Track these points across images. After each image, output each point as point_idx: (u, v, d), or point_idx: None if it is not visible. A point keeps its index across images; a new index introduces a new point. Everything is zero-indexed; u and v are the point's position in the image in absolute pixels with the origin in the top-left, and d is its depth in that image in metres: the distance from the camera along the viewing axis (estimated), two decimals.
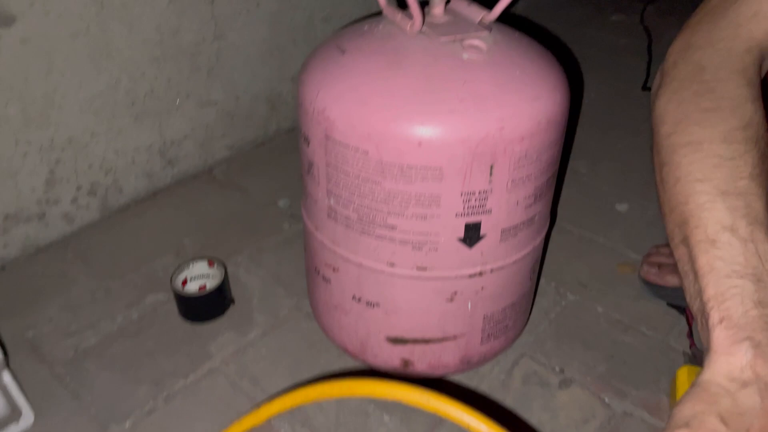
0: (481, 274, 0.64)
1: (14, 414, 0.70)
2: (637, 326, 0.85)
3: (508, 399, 0.75)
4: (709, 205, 0.42)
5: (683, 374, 0.72)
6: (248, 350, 0.81)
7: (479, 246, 0.61)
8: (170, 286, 0.84)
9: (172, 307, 0.86)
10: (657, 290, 0.88)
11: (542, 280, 0.92)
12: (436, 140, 0.54)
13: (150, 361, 0.79)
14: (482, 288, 0.65)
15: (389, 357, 0.70)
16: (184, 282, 0.87)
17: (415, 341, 0.68)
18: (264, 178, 1.13)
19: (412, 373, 0.73)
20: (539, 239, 0.68)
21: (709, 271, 0.40)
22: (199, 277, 0.88)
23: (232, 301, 0.87)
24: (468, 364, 0.72)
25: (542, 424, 0.72)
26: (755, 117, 0.45)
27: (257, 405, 0.45)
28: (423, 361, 0.70)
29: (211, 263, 0.87)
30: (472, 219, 0.59)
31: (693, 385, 0.38)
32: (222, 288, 0.84)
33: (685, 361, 0.77)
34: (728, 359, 0.37)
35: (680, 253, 0.43)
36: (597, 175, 1.15)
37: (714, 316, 0.38)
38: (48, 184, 0.94)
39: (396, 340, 0.69)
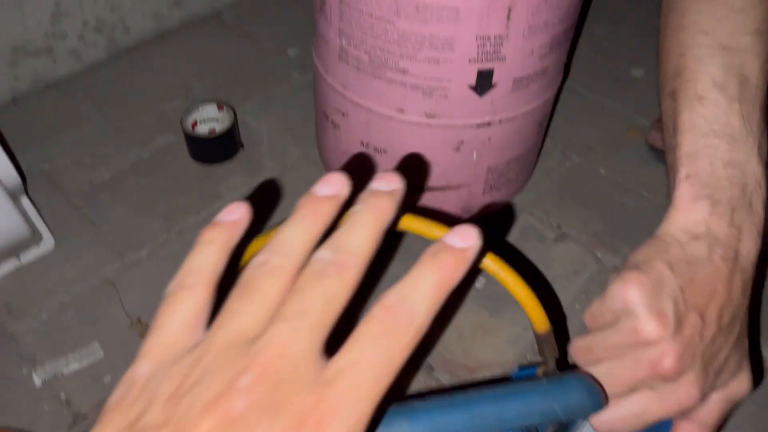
0: (489, 124, 0.64)
1: (35, 238, 0.74)
2: (638, 190, 0.86)
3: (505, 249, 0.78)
4: (706, 60, 0.41)
5: None
6: (257, 192, 0.83)
7: (490, 95, 0.61)
8: (180, 126, 0.85)
9: (183, 148, 0.88)
10: (662, 155, 0.88)
11: (549, 142, 0.93)
12: None
13: (163, 198, 0.82)
14: (489, 138, 0.66)
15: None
16: (194, 124, 0.87)
17: (420, 188, 0.70)
18: (274, 25, 1.10)
19: None
20: (550, 93, 0.68)
21: (689, 128, 0.40)
22: (209, 120, 0.88)
23: (241, 145, 0.89)
24: (469, 213, 0.74)
25: (536, 272, 0.76)
26: None
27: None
28: (426, 207, 0.72)
29: (220, 107, 0.88)
30: (486, 66, 0.58)
31: (652, 235, 0.40)
32: (232, 131, 0.85)
33: None
34: (686, 214, 0.39)
35: (667, 105, 0.43)
36: (615, 38, 1.11)
37: (682, 172, 0.39)
38: (54, 17, 0.91)
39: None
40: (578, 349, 0.40)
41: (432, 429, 0.37)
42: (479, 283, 0.75)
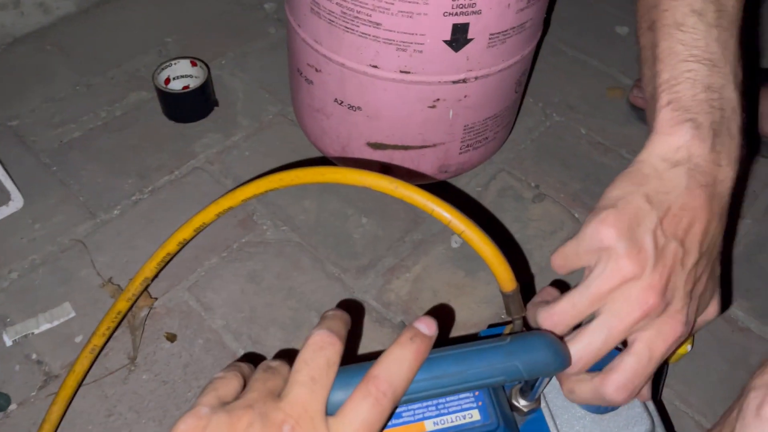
0: (465, 81, 0.62)
1: (3, 197, 0.72)
2: (618, 149, 0.86)
3: (481, 210, 0.78)
4: None
5: None
6: (232, 151, 0.82)
7: (465, 50, 0.59)
8: (153, 83, 0.82)
9: (156, 105, 0.85)
10: (644, 115, 0.87)
11: (530, 100, 0.91)
12: None
13: (135, 156, 0.80)
14: (465, 96, 0.64)
15: (368, 163, 0.72)
16: (167, 81, 0.85)
17: (395, 147, 0.69)
18: None
19: None
20: (528, 49, 0.66)
21: (669, 54, 0.40)
22: (183, 77, 0.86)
23: (216, 103, 0.87)
24: (445, 173, 0.73)
25: (511, 233, 0.76)
26: None
27: (233, 189, 0.47)
28: (401, 167, 0.71)
29: (194, 63, 0.85)
30: (461, 19, 0.57)
31: (629, 165, 0.40)
32: (205, 88, 0.83)
33: None
34: (667, 139, 0.39)
35: (645, 39, 0.43)
36: None
37: (663, 98, 0.39)
38: None
39: (376, 146, 0.69)
40: (562, 313, 0.39)
41: None
42: (455, 243, 0.74)
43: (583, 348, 0.38)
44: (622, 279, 0.37)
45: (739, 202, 0.81)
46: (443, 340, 0.37)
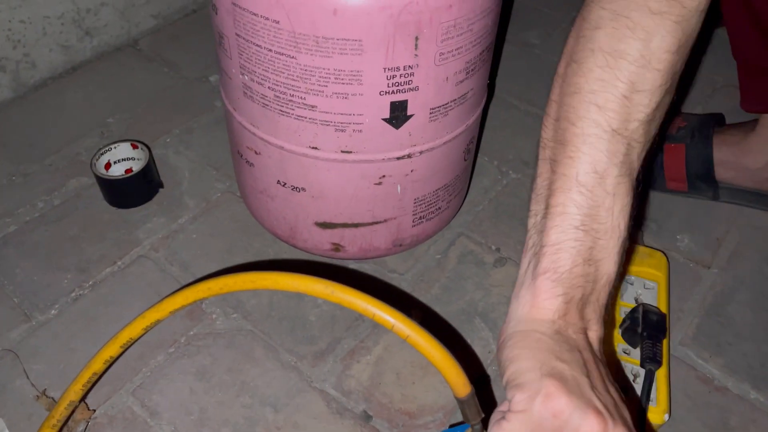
0: (409, 156, 0.60)
1: None
2: None
3: (443, 278, 0.75)
4: (593, 140, 0.41)
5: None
6: (178, 235, 0.78)
7: (407, 126, 0.57)
8: (91, 170, 0.79)
9: (97, 192, 0.82)
10: None
11: (484, 159, 0.90)
12: (353, 7, 0.49)
13: (75, 248, 0.76)
14: (412, 171, 0.62)
15: (319, 242, 0.69)
16: (108, 165, 0.82)
17: (345, 225, 0.66)
18: (194, 52, 1.05)
19: (344, 257, 0.72)
20: (473, 118, 0.64)
21: (561, 213, 0.40)
22: (124, 160, 0.83)
23: (160, 184, 0.83)
24: (400, 246, 0.71)
25: (475, 302, 0.73)
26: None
27: (160, 300, 0.43)
28: (354, 245, 0.69)
29: (134, 146, 0.82)
30: (398, 97, 0.55)
31: (508, 337, 0.40)
32: (147, 171, 0.80)
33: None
34: (541, 310, 0.40)
35: (543, 169, 0.43)
36: (550, 47, 1.09)
37: (544, 262, 0.40)
38: None
39: (325, 225, 0.67)
40: None
41: None
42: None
43: None
44: None
45: (703, 251, 0.79)
46: None
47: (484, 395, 0.65)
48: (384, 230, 0.67)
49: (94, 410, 0.62)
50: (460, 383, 0.39)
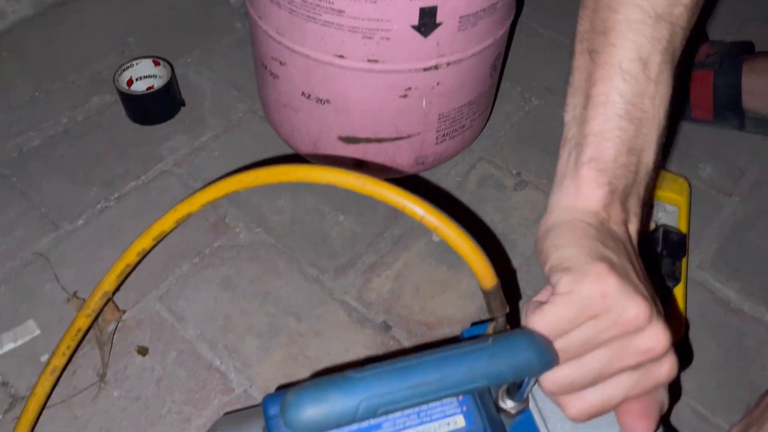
0: (436, 67, 0.60)
1: None
2: None
3: (462, 200, 0.75)
4: (638, 27, 0.39)
5: None
6: (200, 153, 0.79)
7: (435, 35, 0.57)
8: (114, 85, 0.79)
9: (120, 109, 0.82)
10: None
11: (507, 84, 0.89)
12: None
13: (99, 163, 0.77)
14: (438, 83, 0.61)
15: (342, 157, 0.69)
16: (130, 82, 0.82)
17: (368, 140, 0.66)
18: None
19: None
20: (502, 31, 0.63)
21: (603, 102, 0.39)
22: (146, 78, 0.82)
23: (182, 103, 0.83)
24: (422, 164, 0.71)
25: (494, 223, 0.73)
26: None
27: (192, 193, 0.44)
28: (376, 161, 0.69)
29: (156, 62, 0.82)
30: (428, 2, 0.54)
31: (553, 225, 0.39)
32: (170, 88, 0.80)
33: None
34: (586, 200, 0.39)
35: (580, 62, 0.42)
36: None
37: (587, 153, 0.39)
38: None
39: (349, 140, 0.67)
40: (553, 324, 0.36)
41: (368, 401, 0.34)
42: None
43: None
44: (629, 329, 0.35)
45: (726, 179, 0.79)
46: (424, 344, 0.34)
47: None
48: (407, 146, 0.67)
49: (124, 311, 0.64)
50: (487, 274, 0.40)
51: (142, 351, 0.61)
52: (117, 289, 0.60)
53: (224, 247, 0.70)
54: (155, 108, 0.80)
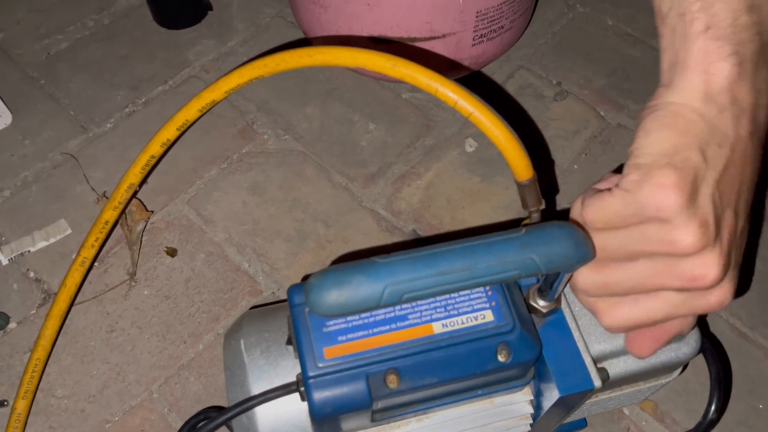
0: None
1: None
2: (648, 40, 0.78)
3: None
4: None
5: None
6: (228, 57, 0.76)
7: None
8: None
9: (146, 13, 0.80)
10: None
11: None
12: None
13: (126, 66, 0.75)
14: None
15: None
16: None
17: (401, 40, 0.63)
18: None
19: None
20: None
21: None
22: None
23: (209, 6, 0.80)
24: (458, 69, 0.67)
25: (531, 134, 0.70)
26: None
27: (196, 80, 0.42)
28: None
29: None
30: None
31: (658, 107, 0.33)
32: None
33: None
34: (706, 78, 0.32)
35: None
36: None
37: (699, 22, 0.32)
38: None
39: (380, 40, 0.63)
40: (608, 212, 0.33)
41: (394, 286, 0.33)
42: (469, 146, 0.69)
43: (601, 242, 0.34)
44: (678, 251, 0.31)
45: None
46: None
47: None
48: (442, 48, 0.64)
49: (153, 211, 0.63)
50: (523, 166, 0.38)
51: (171, 252, 0.61)
52: (143, 181, 0.60)
53: (252, 153, 0.69)
54: (182, 11, 0.78)
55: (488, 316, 0.38)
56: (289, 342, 0.39)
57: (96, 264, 0.60)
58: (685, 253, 0.31)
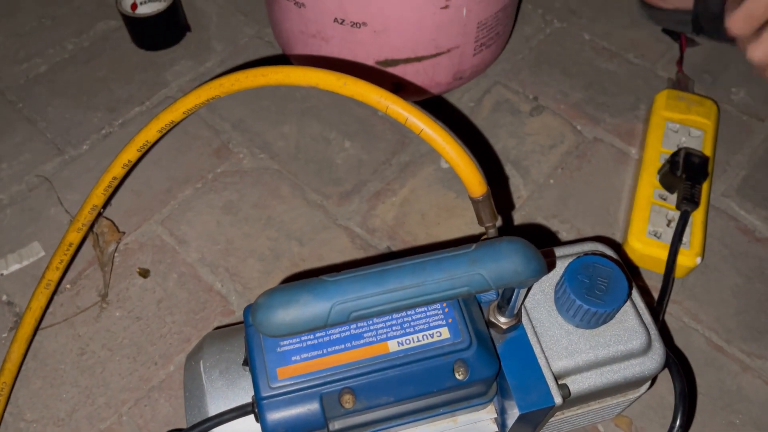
0: None
1: None
2: (624, 54, 0.78)
3: (476, 125, 0.72)
4: None
5: (662, 97, 0.68)
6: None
7: None
8: (117, 8, 0.77)
9: (125, 34, 0.80)
10: (654, 13, 0.80)
11: (528, 7, 0.84)
12: None
13: (104, 88, 0.76)
14: None
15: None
16: (134, 6, 0.79)
17: (407, 60, 0.63)
18: None
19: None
20: None
21: None
22: (150, 2, 0.80)
23: (187, 27, 0.81)
24: (460, 79, 0.68)
25: (507, 150, 0.70)
26: None
27: (174, 101, 0.42)
28: (416, 81, 0.66)
29: None
30: None
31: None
32: (174, 10, 0.77)
33: (667, 86, 0.72)
34: None
35: None
36: None
37: None
38: None
39: (387, 63, 0.64)
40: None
41: (342, 305, 0.32)
42: (444, 162, 0.69)
43: None
44: None
45: (760, 105, 0.73)
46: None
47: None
48: (446, 62, 0.64)
49: (124, 232, 0.63)
50: (475, 182, 0.38)
51: (144, 273, 0.61)
52: (107, 203, 0.60)
53: (227, 172, 0.69)
54: (160, 32, 0.78)
55: (444, 333, 0.37)
56: (245, 363, 0.39)
57: (68, 286, 0.60)
58: None
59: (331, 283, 0.33)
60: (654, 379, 0.44)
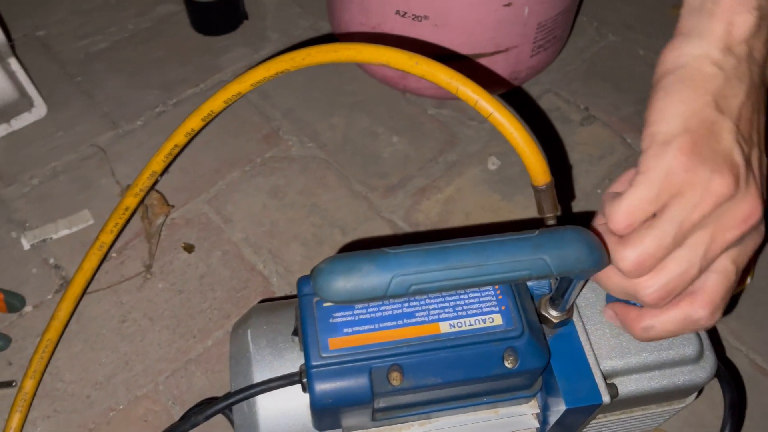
0: None
1: (26, 103, 0.70)
2: None
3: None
4: None
5: None
6: None
7: None
8: None
9: (184, 18, 0.82)
10: None
11: (583, 19, 0.84)
12: None
13: (160, 69, 0.77)
14: None
15: None
16: None
17: (464, 57, 0.64)
18: None
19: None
20: None
21: None
22: None
23: (245, 15, 0.82)
24: (516, 79, 0.69)
25: (556, 157, 0.70)
26: None
27: (241, 75, 0.43)
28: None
29: None
30: None
31: (679, 66, 0.33)
32: None
33: None
34: (729, 28, 0.33)
35: None
36: None
37: None
38: None
39: (443, 59, 0.64)
40: (640, 262, 0.33)
41: (402, 277, 0.32)
42: (492, 164, 0.69)
43: (652, 241, 0.32)
44: (716, 203, 0.32)
45: None
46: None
47: None
48: (503, 61, 0.65)
49: (173, 206, 0.64)
50: (540, 170, 0.38)
51: (188, 248, 0.62)
52: (165, 171, 0.60)
53: (276, 158, 0.69)
54: (218, 18, 0.80)
55: (497, 319, 0.37)
56: (295, 333, 0.39)
57: (114, 255, 0.61)
58: (727, 197, 0.31)
59: (393, 255, 0.33)
60: (700, 391, 0.44)
